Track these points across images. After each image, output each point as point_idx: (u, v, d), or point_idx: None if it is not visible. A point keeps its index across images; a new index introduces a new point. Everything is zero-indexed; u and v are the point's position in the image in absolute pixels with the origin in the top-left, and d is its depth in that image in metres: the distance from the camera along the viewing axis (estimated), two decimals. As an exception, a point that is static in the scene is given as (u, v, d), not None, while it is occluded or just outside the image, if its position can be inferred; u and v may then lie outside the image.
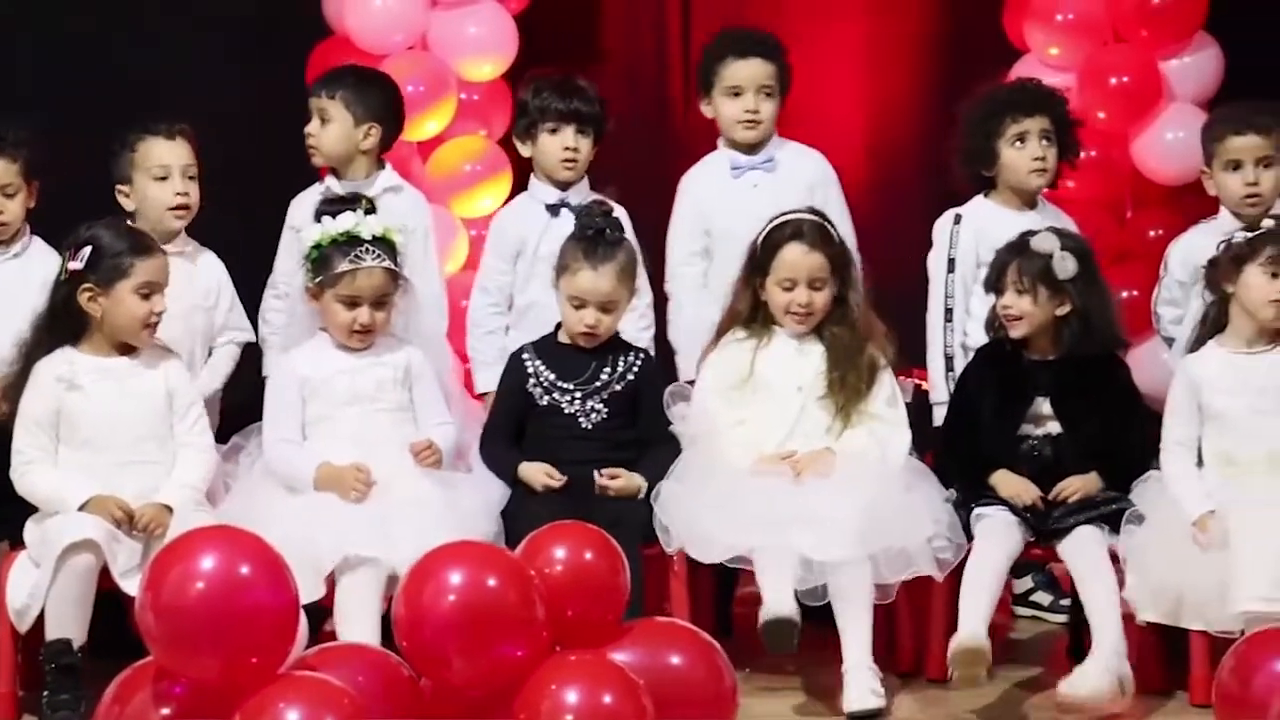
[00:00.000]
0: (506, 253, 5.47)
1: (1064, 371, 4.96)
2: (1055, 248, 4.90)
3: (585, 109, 5.43)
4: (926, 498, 4.90)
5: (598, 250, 5.03)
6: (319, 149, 5.46)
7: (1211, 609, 4.60)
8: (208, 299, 5.31)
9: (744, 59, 5.47)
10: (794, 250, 5.00)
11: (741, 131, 5.48)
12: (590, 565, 3.95)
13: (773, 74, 5.48)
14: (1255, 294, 4.79)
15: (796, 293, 5.00)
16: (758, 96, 5.46)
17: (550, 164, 5.44)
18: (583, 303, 5.03)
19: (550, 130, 5.43)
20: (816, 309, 5.02)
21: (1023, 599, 5.58)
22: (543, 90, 5.47)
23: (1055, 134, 5.34)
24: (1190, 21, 6.06)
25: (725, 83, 5.48)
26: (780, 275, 5.01)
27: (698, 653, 3.99)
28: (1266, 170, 5.19)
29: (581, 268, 5.02)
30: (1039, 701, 4.82)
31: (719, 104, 5.50)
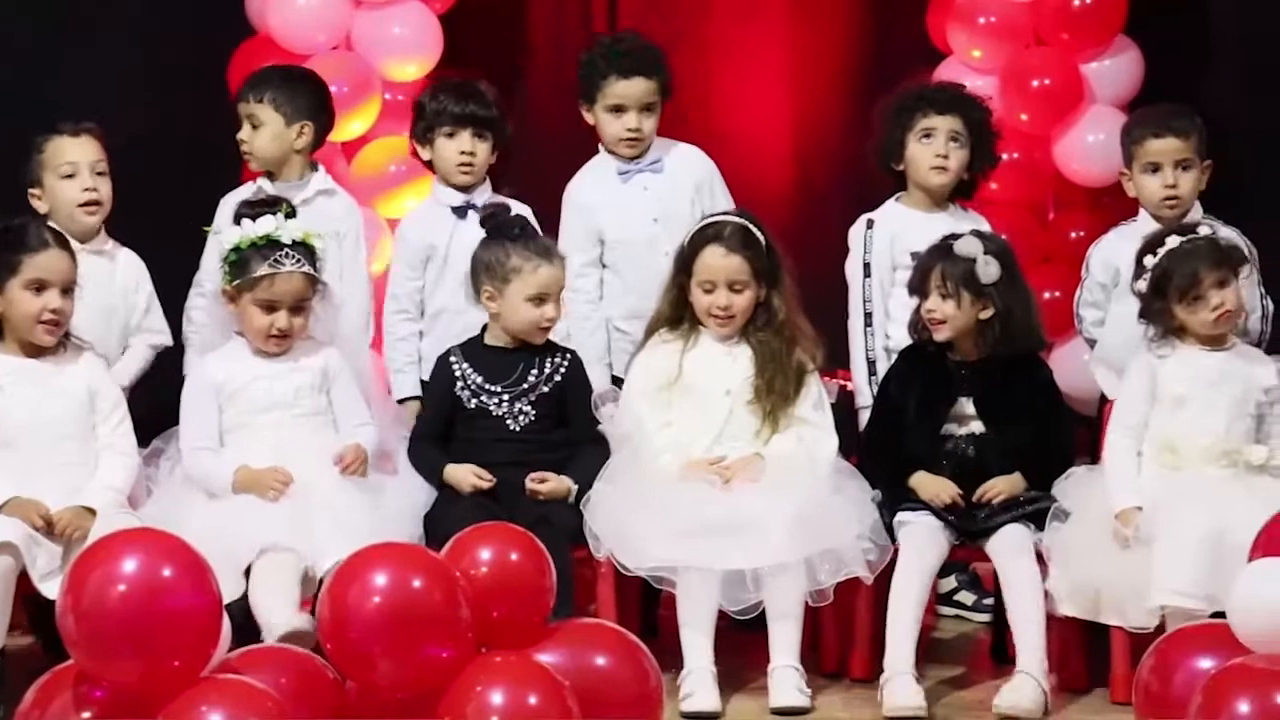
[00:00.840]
0: (414, 259, 5.45)
1: (986, 372, 4.99)
2: (979, 252, 4.93)
3: (482, 113, 5.42)
4: (854, 499, 4.92)
5: (540, 244, 5.05)
6: (254, 154, 5.44)
7: (1130, 605, 4.65)
8: (126, 298, 5.27)
9: (627, 79, 5.45)
10: (713, 253, 5.01)
11: (625, 149, 5.48)
12: (516, 566, 3.93)
13: (654, 90, 5.47)
14: (1195, 323, 4.86)
15: (716, 295, 5.02)
16: (640, 115, 5.46)
17: (447, 168, 5.43)
18: (545, 297, 5.03)
19: (447, 134, 5.42)
20: (737, 311, 5.03)
21: (946, 598, 5.61)
22: (439, 94, 5.47)
23: (967, 138, 5.35)
24: (1110, 25, 6.11)
25: (608, 100, 5.46)
26: (701, 277, 5.03)
27: (623, 654, 3.98)
28: (1185, 172, 5.24)
29: (540, 263, 5.02)
30: (963, 700, 4.84)
31: (601, 118, 5.50)
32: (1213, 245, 4.86)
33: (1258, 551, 3.99)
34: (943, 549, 4.87)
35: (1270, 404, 4.87)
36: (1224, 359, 4.88)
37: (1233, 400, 4.83)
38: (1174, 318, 4.87)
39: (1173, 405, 4.85)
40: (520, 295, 5.02)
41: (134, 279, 5.30)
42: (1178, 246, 4.86)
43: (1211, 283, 4.81)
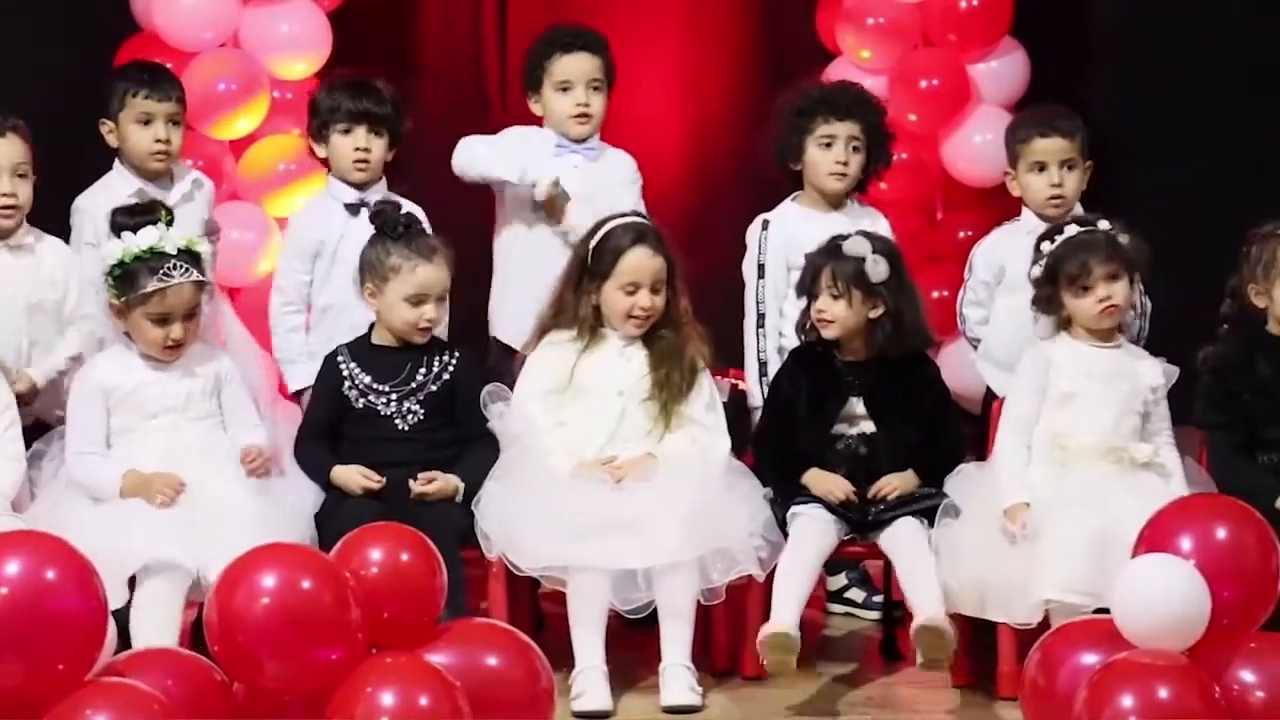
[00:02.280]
0: (304, 252, 5.41)
1: (876, 371, 5.02)
2: (867, 252, 4.96)
3: (377, 109, 5.40)
4: (746, 497, 4.93)
5: (423, 244, 5.02)
6: (172, 153, 5.39)
7: (1016, 601, 4.68)
8: (54, 289, 5.16)
9: (571, 53, 5.47)
10: (639, 254, 5.02)
11: (575, 126, 5.48)
12: (406, 567, 3.91)
13: (600, 68, 5.50)
14: (1082, 314, 4.90)
15: (639, 296, 5.02)
16: (588, 90, 5.47)
17: (343, 165, 5.40)
18: (423, 298, 5.00)
19: (343, 130, 5.39)
20: (656, 312, 5.04)
21: (837, 596, 5.63)
22: (334, 91, 5.44)
23: (865, 142, 5.38)
24: (997, 26, 6.18)
25: (555, 78, 5.47)
26: (624, 280, 5.02)
27: (515, 653, 3.97)
28: (1069, 172, 5.29)
29: (418, 264, 4.99)
30: (854, 696, 4.87)
31: (549, 100, 5.50)
32: (1111, 240, 4.91)
33: (1141, 547, 4.03)
34: (832, 539, 4.89)
35: (1155, 403, 4.93)
36: (1114, 356, 4.93)
37: (1121, 398, 4.89)
38: (1062, 306, 4.91)
39: (1062, 401, 4.90)
40: (398, 294, 5.00)
41: (61, 267, 5.17)
42: (1075, 236, 4.90)
43: (1101, 275, 4.86)
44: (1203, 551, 3.92)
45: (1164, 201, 6.35)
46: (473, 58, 6.54)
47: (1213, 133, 6.37)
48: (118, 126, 5.35)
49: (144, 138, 5.31)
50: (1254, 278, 4.96)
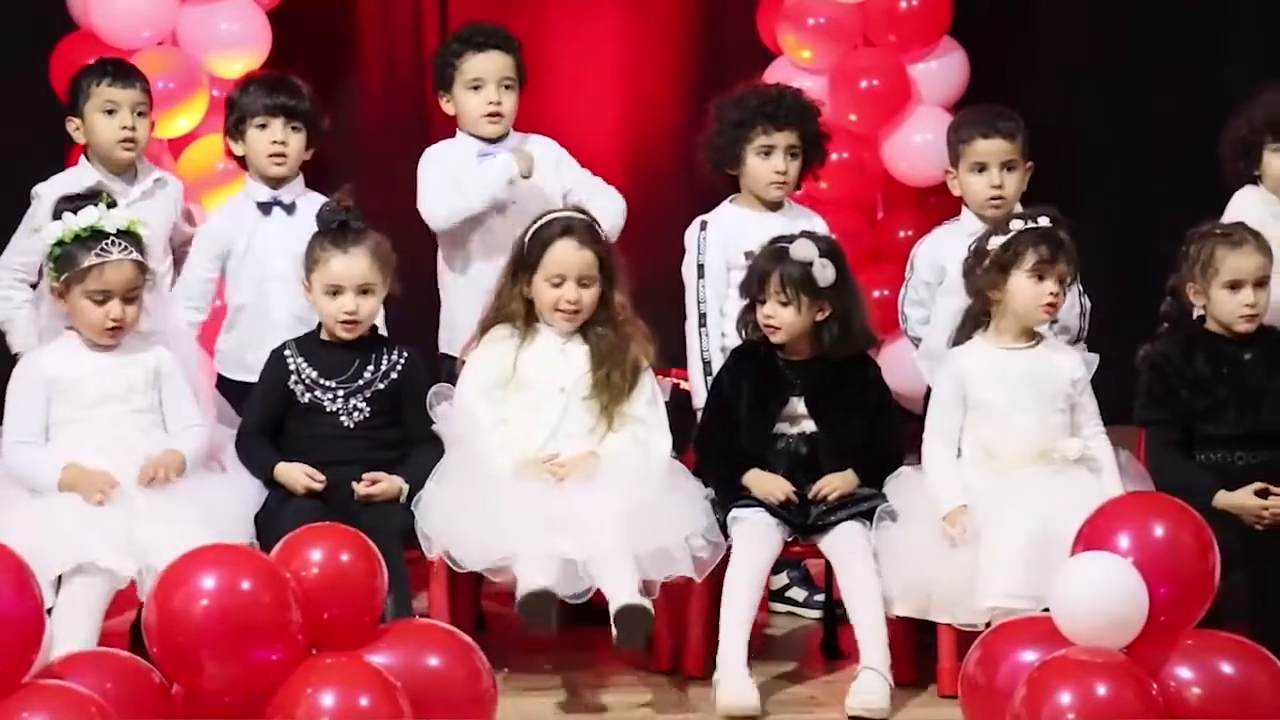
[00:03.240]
0: (210, 251, 5.38)
1: (818, 371, 5.03)
2: (815, 256, 4.97)
3: (293, 103, 5.37)
4: (687, 497, 4.93)
5: (345, 236, 4.99)
6: (139, 143, 5.37)
7: (959, 604, 4.70)
8: None
9: (483, 52, 5.45)
10: (565, 246, 5.01)
11: (487, 126, 5.46)
12: (347, 567, 3.90)
13: (511, 66, 5.48)
14: (1024, 300, 4.90)
15: (565, 289, 5.02)
16: (499, 89, 5.46)
17: (259, 160, 5.38)
18: (339, 289, 4.98)
19: (259, 126, 5.37)
20: (584, 306, 5.03)
21: (778, 595, 5.64)
22: (249, 87, 5.43)
23: (802, 149, 5.40)
24: (936, 27, 6.20)
25: (466, 77, 5.45)
26: (550, 271, 5.01)
27: (456, 654, 3.97)
28: (1010, 173, 5.31)
29: (332, 255, 4.97)
30: (795, 695, 4.88)
31: (460, 99, 5.48)
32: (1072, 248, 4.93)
33: (1080, 546, 4.06)
34: (776, 545, 4.90)
35: (1079, 394, 4.95)
36: (1029, 357, 4.94)
37: (1040, 397, 4.90)
38: (1000, 290, 4.90)
39: (983, 410, 4.91)
40: (319, 286, 5.00)
41: None
42: (1045, 227, 4.92)
43: (1059, 273, 4.88)
44: (1140, 549, 3.95)
45: (1104, 200, 6.40)
46: (413, 57, 6.51)
47: (1152, 132, 6.42)
48: (84, 120, 5.33)
49: (110, 127, 5.31)
50: (1192, 277, 4.99)
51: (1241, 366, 4.96)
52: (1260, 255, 4.94)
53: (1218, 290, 4.95)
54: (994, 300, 4.94)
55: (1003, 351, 4.95)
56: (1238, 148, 5.30)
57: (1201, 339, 5.01)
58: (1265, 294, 4.95)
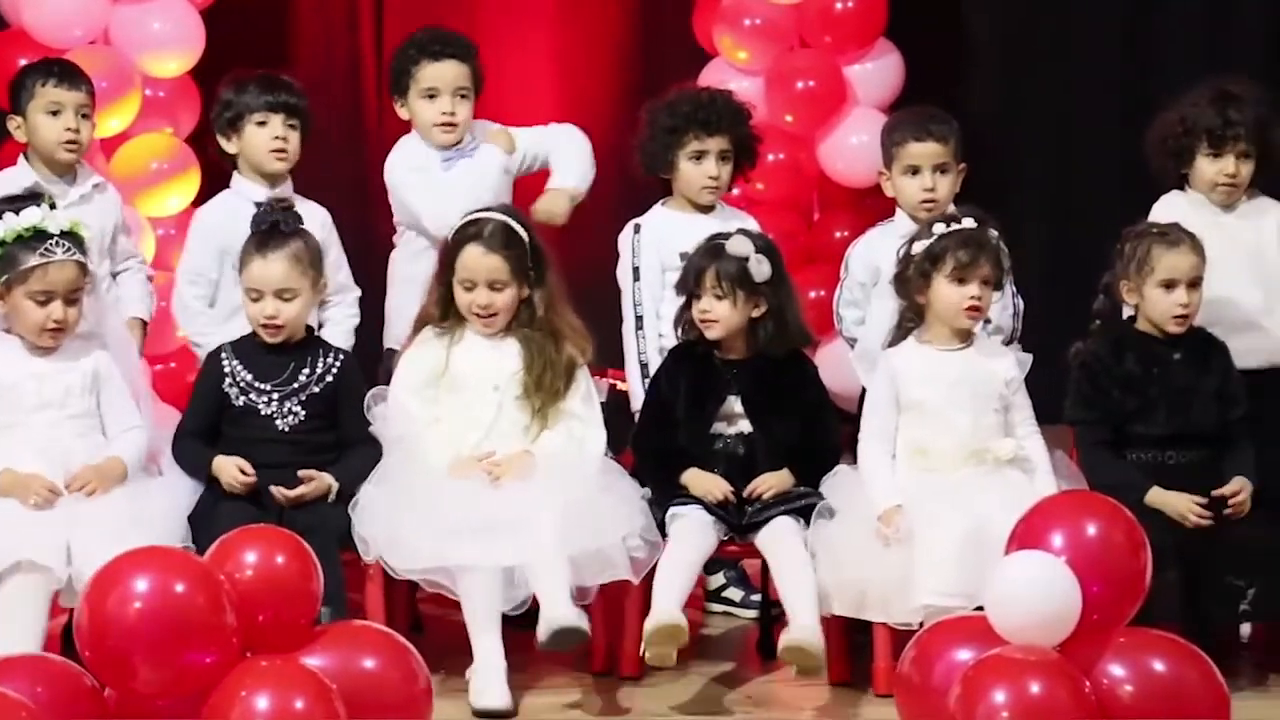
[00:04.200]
0: (211, 248, 5.35)
1: (754, 370, 5.04)
2: (750, 251, 4.98)
3: (293, 101, 5.37)
4: (624, 498, 4.93)
5: (269, 241, 4.98)
6: (82, 145, 5.34)
7: (894, 602, 4.72)
8: None
9: (438, 61, 5.45)
10: (473, 251, 5.02)
11: (440, 135, 5.46)
12: (281, 569, 3.89)
13: (467, 75, 5.48)
14: (947, 303, 4.93)
15: (477, 293, 5.02)
16: (454, 99, 5.45)
17: (259, 156, 5.35)
18: (259, 294, 4.97)
19: (259, 123, 5.35)
20: (499, 310, 5.03)
21: (715, 595, 5.65)
22: (247, 85, 5.39)
23: (734, 152, 5.41)
24: (871, 28, 6.22)
25: (421, 85, 5.45)
26: (461, 276, 5.02)
27: (392, 656, 3.96)
28: (943, 176, 5.33)
29: (253, 259, 4.96)
30: (732, 696, 4.89)
31: (415, 106, 5.48)
32: (997, 248, 4.96)
33: (1013, 545, 4.08)
34: (712, 541, 4.90)
35: (1013, 394, 4.98)
36: (962, 358, 4.96)
37: (974, 398, 4.92)
38: (925, 294, 4.94)
39: (917, 410, 4.93)
40: (244, 290, 4.99)
41: None
42: (969, 230, 4.94)
43: (980, 275, 4.91)
44: (1073, 548, 3.98)
45: (1037, 200, 6.43)
46: (349, 57, 6.50)
47: (1085, 133, 6.46)
48: (26, 120, 5.30)
49: (54, 128, 5.27)
50: (1126, 275, 5.02)
51: (1171, 366, 4.99)
52: (1195, 256, 4.98)
53: (1152, 289, 4.98)
54: (922, 304, 4.96)
55: (937, 352, 4.97)
56: (1168, 148, 5.33)
57: (1132, 338, 5.05)
58: (1198, 295, 4.99)
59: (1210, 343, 5.04)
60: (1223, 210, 5.27)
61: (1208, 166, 5.26)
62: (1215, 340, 5.05)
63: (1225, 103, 5.24)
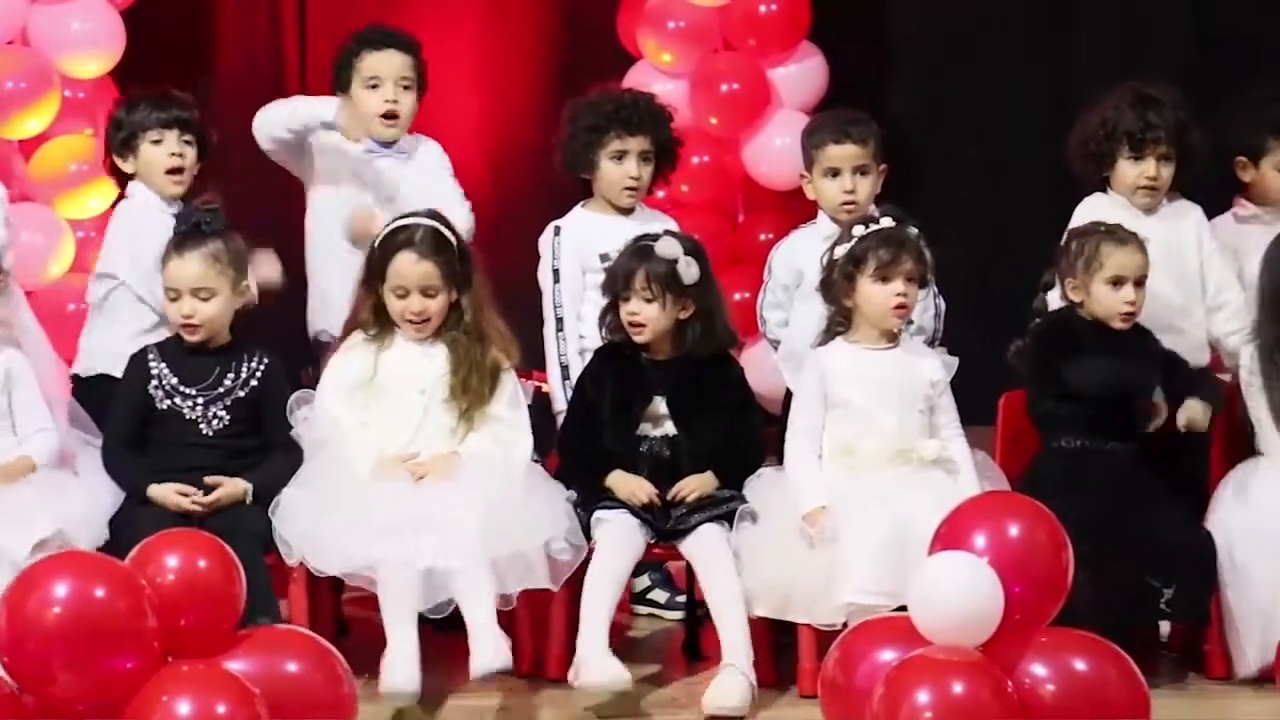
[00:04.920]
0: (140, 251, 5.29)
1: (680, 372, 5.05)
2: (680, 253, 4.99)
3: (186, 116, 5.33)
4: (547, 500, 4.93)
5: (185, 239, 4.96)
6: None
7: (818, 603, 4.73)
8: None
9: (381, 51, 5.44)
10: (405, 259, 5.00)
11: (381, 127, 5.44)
12: (204, 573, 3.88)
13: (410, 66, 5.48)
14: (874, 304, 4.95)
15: (410, 300, 5.00)
16: (397, 88, 5.44)
17: (156, 176, 5.30)
18: (177, 294, 4.94)
19: (153, 141, 5.31)
20: (431, 314, 5.02)
21: (640, 597, 5.66)
22: (138, 104, 5.36)
23: (655, 153, 5.41)
24: (795, 31, 6.25)
25: (363, 75, 5.44)
26: (394, 283, 5.01)
27: (315, 660, 3.96)
28: (863, 178, 5.36)
29: (170, 258, 4.94)
30: (657, 697, 4.89)
31: (358, 98, 5.45)
32: (919, 245, 4.99)
33: (937, 545, 4.10)
34: (639, 547, 4.91)
35: (938, 396, 5.01)
36: (891, 358, 4.99)
37: (901, 398, 4.95)
38: (852, 297, 4.96)
39: (844, 408, 4.95)
40: (163, 290, 4.97)
41: None
42: (891, 229, 4.96)
43: (904, 272, 4.93)
44: (996, 549, 4.00)
45: (959, 202, 6.47)
46: (272, 58, 6.46)
47: (1007, 135, 6.50)
48: None
49: None
50: (1072, 272, 5.04)
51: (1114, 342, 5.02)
52: (1142, 255, 5.02)
53: (1099, 286, 5.01)
54: (849, 308, 4.99)
55: (865, 351, 4.99)
56: (1089, 152, 5.37)
57: (1079, 321, 5.06)
58: (1143, 293, 5.03)
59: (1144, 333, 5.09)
60: (1144, 213, 5.31)
61: (1129, 169, 5.31)
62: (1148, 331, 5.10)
63: (1145, 106, 5.29)
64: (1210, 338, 5.32)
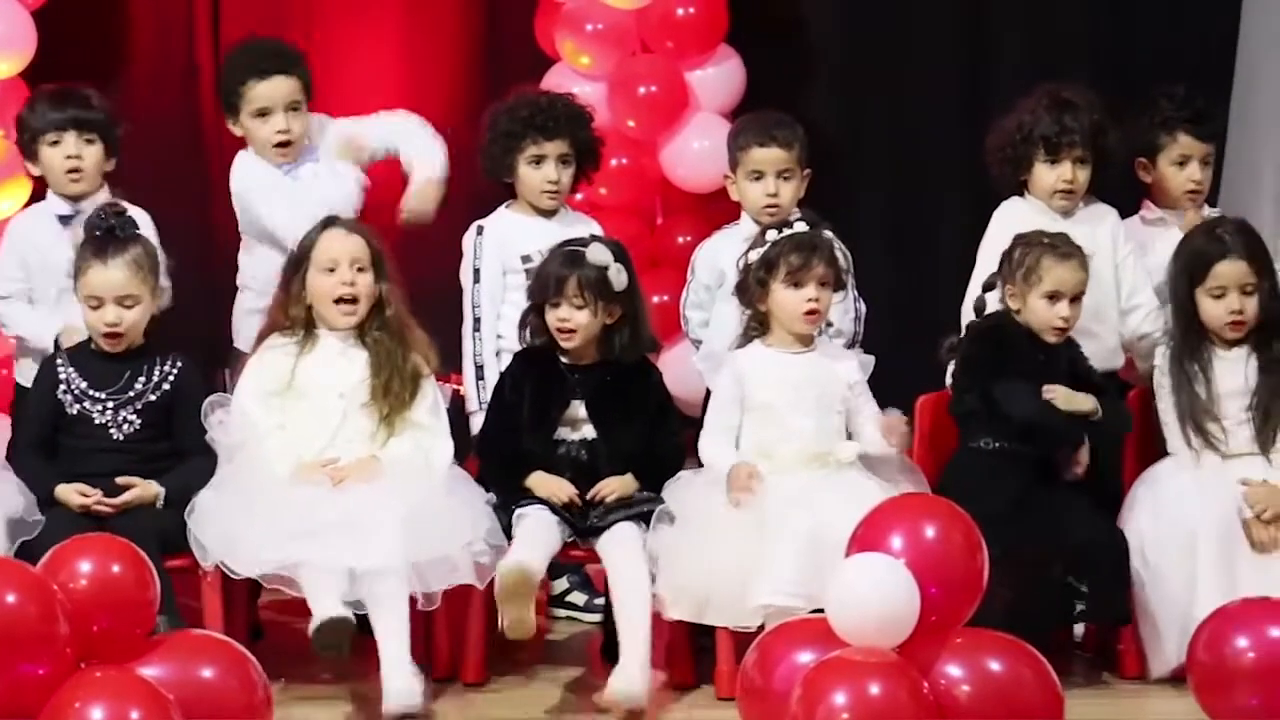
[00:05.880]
0: (15, 259, 5.29)
1: (599, 376, 5.06)
2: (610, 260, 5.00)
3: (84, 114, 5.28)
4: (467, 502, 4.92)
5: (106, 245, 4.91)
6: None
7: (735, 605, 4.74)
8: None
9: (266, 79, 5.38)
10: (334, 234, 5.03)
11: (277, 155, 5.41)
12: (117, 578, 3.86)
13: (299, 89, 5.42)
14: (787, 309, 4.97)
15: (340, 272, 4.99)
16: (287, 115, 5.40)
17: (56, 178, 5.28)
18: (100, 301, 4.89)
19: (51, 143, 5.26)
20: (361, 294, 5.01)
21: (559, 600, 5.65)
22: (37, 104, 5.32)
23: (574, 156, 5.41)
24: (713, 34, 6.25)
25: (252, 105, 5.38)
26: (322, 262, 5.00)
27: (230, 664, 3.94)
28: (786, 181, 5.37)
29: (91, 265, 4.89)
30: (576, 700, 4.89)
31: (249, 126, 5.41)
32: (831, 248, 5.01)
33: (854, 547, 4.12)
34: (556, 540, 4.90)
35: (856, 396, 5.03)
36: (807, 361, 5.01)
37: (818, 402, 4.97)
38: (765, 301, 4.97)
39: (762, 412, 4.97)
40: (81, 297, 4.93)
41: None
42: (802, 234, 4.98)
43: (816, 276, 4.95)
44: (912, 550, 4.02)
45: (879, 206, 6.49)
46: (185, 58, 6.40)
47: (924, 138, 6.53)
48: None
49: None
50: (1012, 280, 5.06)
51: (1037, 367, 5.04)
52: (1082, 271, 5.04)
53: (1036, 299, 5.03)
54: (764, 312, 5.00)
55: (782, 355, 5.01)
56: (1006, 156, 5.40)
57: (1013, 333, 5.07)
58: (1079, 309, 5.06)
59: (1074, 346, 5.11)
60: (1061, 216, 5.35)
61: (1046, 173, 5.34)
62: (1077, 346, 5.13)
63: (1061, 109, 5.33)
64: (1124, 341, 5.37)
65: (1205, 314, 5.13)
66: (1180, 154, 5.48)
